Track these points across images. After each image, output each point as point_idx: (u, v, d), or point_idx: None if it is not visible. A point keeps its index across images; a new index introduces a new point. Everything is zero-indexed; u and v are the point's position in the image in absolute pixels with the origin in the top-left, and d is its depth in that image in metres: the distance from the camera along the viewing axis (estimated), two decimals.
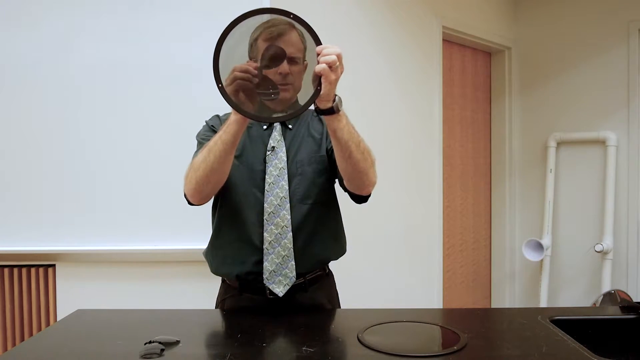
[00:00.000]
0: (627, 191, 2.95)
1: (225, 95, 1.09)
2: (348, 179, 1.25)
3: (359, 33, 2.42)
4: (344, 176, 1.25)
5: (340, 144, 1.15)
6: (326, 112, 1.10)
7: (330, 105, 1.10)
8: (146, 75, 1.96)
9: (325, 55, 1.04)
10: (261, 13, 1.10)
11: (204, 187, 1.21)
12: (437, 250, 2.88)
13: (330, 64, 1.04)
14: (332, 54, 1.04)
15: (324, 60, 1.04)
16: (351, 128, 1.16)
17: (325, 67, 1.03)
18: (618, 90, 2.97)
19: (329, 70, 1.04)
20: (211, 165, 1.17)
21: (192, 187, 1.21)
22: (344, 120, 1.14)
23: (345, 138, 1.14)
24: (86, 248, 1.96)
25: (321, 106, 1.10)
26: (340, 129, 1.13)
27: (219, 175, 1.20)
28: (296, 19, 1.10)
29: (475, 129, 3.36)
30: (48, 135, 1.96)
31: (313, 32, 1.09)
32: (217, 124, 1.35)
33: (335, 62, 1.04)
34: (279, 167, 1.30)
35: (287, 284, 1.29)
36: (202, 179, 1.19)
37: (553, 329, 1.14)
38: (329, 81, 1.05)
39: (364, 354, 1.01)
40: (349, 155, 1.16)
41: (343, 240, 1.44)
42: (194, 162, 1.21)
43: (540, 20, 3.31)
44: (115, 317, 1.28)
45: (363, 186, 1.25)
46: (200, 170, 1.18)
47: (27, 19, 1.94)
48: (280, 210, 1.29)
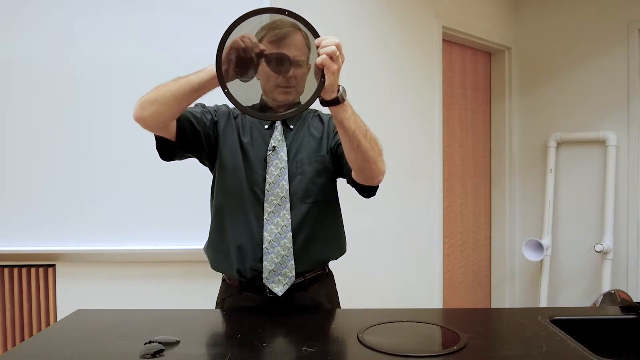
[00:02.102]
0: (627, 191, 2.95)
1: (231, 98, 1.10)
2: (358, 170, 1.24)
3: (359, 33, 2.42)
4: (354, 167, 1.24)
5: (347, 134, 1.15)
6: (331, 102, 1.11)
7: (335, 96, 1.11)
8: (147, 75, 1.94)
9: (324, 47, 1.05)
10: (255, 15, 1.10)
11: (147, 106, 1.18)
12: (437, 250, 2.88)
13: (330, 54, 1.05)
14: (331, 44, 1.05)
15: (324, 52, 1.05)
16: (357, 117, 1.17)
17: (326, 58, 1.05)
18: (618, 90, 2.97)
19: (330, 61, 1.05)
20: (166, 92, 1.16)
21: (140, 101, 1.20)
22: (350, 110, 1.15)
23: (353, 128, 1.14)
24: (86, 248, 1.96)
25: (326, 97, 1.10)
26: (347, 119, 1.14)
27: (163, 107, 1.17)
28: (291, 14, 1.10)
29: (475, 129, 3.36)
30: (48, 135, 1.96)
31: (310, 26, 1.10)
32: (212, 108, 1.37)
33: (335, 52, 1.05)
34: (279, 166, 1.30)
35: (287, 284, 1.29)
36: (150, 98, 1.17)
37: (553, 329, 1.14)
38: (332, 71, 1.06)
39: (364, 354, 1.01)
40: (357, 144, 1.16)
41: (343, 240, 1.44)
42: (159, 84, 1.20)
43: (540, 20, 3.31)
44: (115, 317, 1.28)
45: (373, 175, 1.24)
46: (154, 92, 1.18)
47: (27, 19, 1.94)
48: (281, 210, 1.29)
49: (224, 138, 1.34)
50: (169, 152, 1.29)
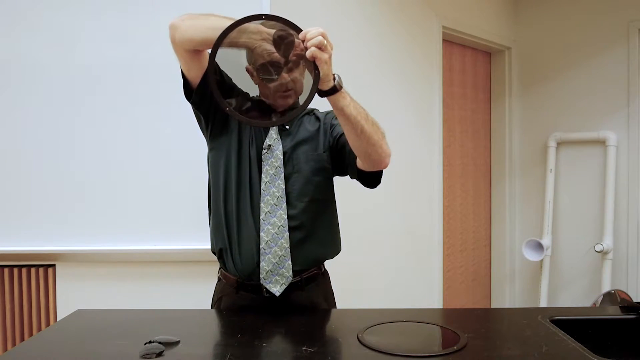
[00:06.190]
0: (627, 191, 2.95)
1: (235, 115, 1.12)
2: (364, 156, 1.22)
3: (358, 33, 2.42)
4: (359, 154, 1.23)
5: (350, 121, 1.15)
6: (329, 92, 1.12)
7: (332, 84, 1.11)
8: (147, 76, 1.96)
9: (310, 39, 1.05)
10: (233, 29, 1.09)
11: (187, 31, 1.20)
12: (437, 250, 2.87)
13: (318, 45, 1.05)
14: (316, 35, 1.06)
15: (311, 44, 1.05)
16: (356, 104, 1.17)
17: (314, 49, 1.05)
18: (618, 90, 2.97)
19: (319, 51, 1.05)
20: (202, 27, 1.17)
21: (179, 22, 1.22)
22: (348, 97, 1.15)
23: (354, 114, 1.15)
24: (86, 248, 1.96)
25: (323, 87, 1.11)
26: (346, 106, 1.14)
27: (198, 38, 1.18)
28: (269, 17, 1.11)
29: (475, 129, 3.36)
30: (48, 135, 1.96)
31: (291, 24, 1.10)
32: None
33: (322, 42, 1.05)
34: (275, 165, 1.30)
35: (284, 284, 1.29)
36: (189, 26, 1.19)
37: (553, 329, 1.14)
38: (324, 61, 1.06)
39: (364, 354, 1.01)
40: (361, 130, 1.16)
41: (338, 239, 1.44)
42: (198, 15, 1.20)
43: (540, 20, 3.31)
44: (115, 317, 1.28)
45: (380, 159, 1.22)
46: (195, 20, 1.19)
47: (27, 18, 1.94)
48: (277, 210, 1.28)
49: (226, 131, 1.33)
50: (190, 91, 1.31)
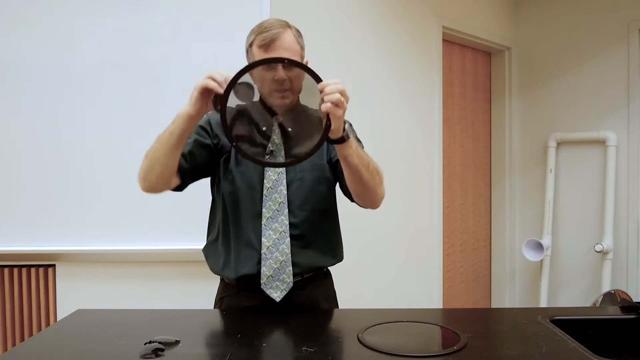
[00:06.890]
0: (627, 191, 2.95)
1: (241, 151, 1.11)
2: (357, 197, 1.27)
3: (358, 33, 2.42)
4: (353, 194, 1.26)
5: (351, 169, 1.16)
6: (337, 141, 1.11)
7: (341, 135, 1.10)
8: (148, 76, 1.96)
9: (328, 94, 1.03)
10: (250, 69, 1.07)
11: (148, 176, 1.20)
12: (437, 251, 2.88)
13: (335, 102, 1.03)
14: (335, 91, 1.03)
15: (328, 100, 1.03)
16: (360, 151, 1.18)
17: (331, 106, 1.03)
18: (618, 90, 2.97)
19: (335, 108, 1.03)
20: (157, 154, 1.17)
21: (140, 174, 1.21)
22: (354, 145, 1.15)
23: (356, 163, 1.15)
24: (86, 248, 1.96)
25: (332, 137, 1.10)
26: (350, 155, 1.14)
27: (162, 167, 1.18)
28: (291, 62, 1.10)
29: (475, 129, 3.36)
30: (49, 135, 1.96)
31: (312, 72, 1.08)
32: (204, 121, 1.35)
33: (340, 99, 1.03)
34: (277, 171, 1.30)
35: (285, 289, 1.28)
36: (147, 167, 1.19)
37: (553, 329, 1.14)
38: (337, 117, 1.05)
39: (364, 354, 1.01)
40: (359, 178, 1.18)
41: (340, 248, 1.43)
42: (147, 150, 1.20)
43: (540, 20, 3.31)
44: (115, 317, 1.28)
45: (372, 203, 1.27)
46: (147, 159, 1.19)
47: (27, 18, 1.94)
48: (279, 216, 1.28)
49: (224, 144, 1.34)
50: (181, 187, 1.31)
